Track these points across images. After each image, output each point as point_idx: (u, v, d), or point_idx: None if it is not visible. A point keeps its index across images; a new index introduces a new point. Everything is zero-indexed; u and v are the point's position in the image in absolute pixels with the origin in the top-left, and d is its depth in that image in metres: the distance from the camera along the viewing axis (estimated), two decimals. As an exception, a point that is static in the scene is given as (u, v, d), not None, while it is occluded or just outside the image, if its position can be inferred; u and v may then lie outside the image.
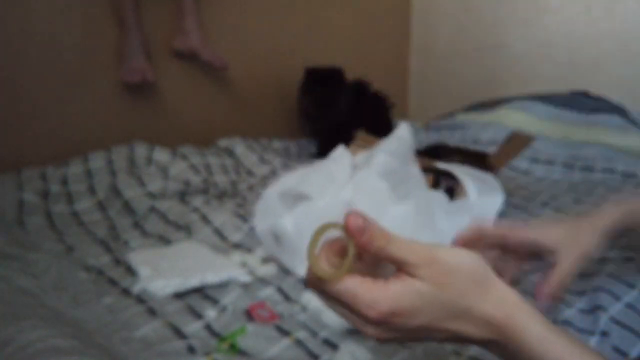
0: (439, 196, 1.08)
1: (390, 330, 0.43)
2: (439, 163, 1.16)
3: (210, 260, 1.00)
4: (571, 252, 0.69)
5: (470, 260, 0.45)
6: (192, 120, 1.78)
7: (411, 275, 0.42)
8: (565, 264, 0.68)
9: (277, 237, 1.03)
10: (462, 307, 0.43)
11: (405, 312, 0.42)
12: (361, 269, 0.44)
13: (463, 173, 1.08)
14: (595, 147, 1.69)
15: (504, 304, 0.44)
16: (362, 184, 1.07)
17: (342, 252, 0.44)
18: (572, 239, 0.70)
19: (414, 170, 1.18)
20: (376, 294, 0.42)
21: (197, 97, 1.79)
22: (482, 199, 1.04)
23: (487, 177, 1.08)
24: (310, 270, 0.43)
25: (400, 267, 0.43)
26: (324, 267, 0.43)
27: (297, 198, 1.07)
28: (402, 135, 1.15)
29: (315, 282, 0.43)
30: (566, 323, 0.80)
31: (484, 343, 0.46)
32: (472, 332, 0.44)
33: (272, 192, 1.07)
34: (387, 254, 0.43)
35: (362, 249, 0.43)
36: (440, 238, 0.98)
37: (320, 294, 0.44)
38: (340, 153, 1.23)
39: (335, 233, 0.43)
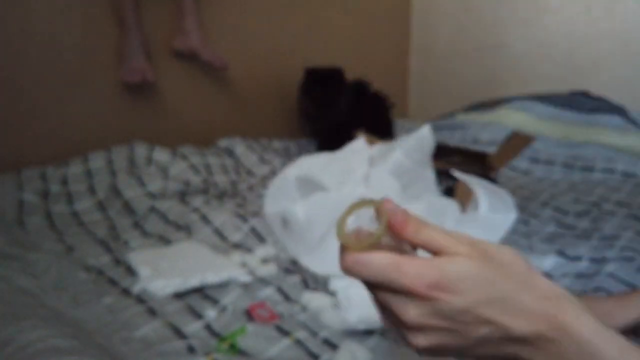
0: (451, 204, 1.08)
1: (434, 314, 0.39)
2: (455, 171, 1.16)
3: (210, 260, 1.00)
4: None
5: (510, 251, 0.41)
6: (192, 120, 1.78)
7: (453, 253, 0.40)
8: None
9: (286, 223, 1.03)
10: (507, 291, 0.39)
11: (451, 285, 0.38)
12: None
13: (477, 185, 1.08)
14: (595, 147, 1.69)
15: (554, 296, 0.40)
16: (375, 181, 1.07)
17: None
18: None
19: (428, 173, 1.18)
20: (422, 265, 0.39)
21: (197, 97, 1.79)
22: (494, 214, 1.03)
23: (502, 192, 1.07)
24: (342, 249, 0.40)
25: (437, 252, 0.40)
26: (354, 239, 0.40)
27: (313, 186, 1.07)
28: (423, 136, 1.14)
29: (353, 263, 0.40)
30: (566, 323, 0.80)
31: (531, 341, 0.40)
32: (518, 326, 0.39)
33: (289, 175, 1.06)
34: (423, 237, 0.41)
35: (397, 233, 0.41)
36: None
37: (361, 273, 0.40)
38: (359, 145, 1.23)
39: (367, 213, 0.41)
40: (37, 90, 1.46)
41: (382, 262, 0.39)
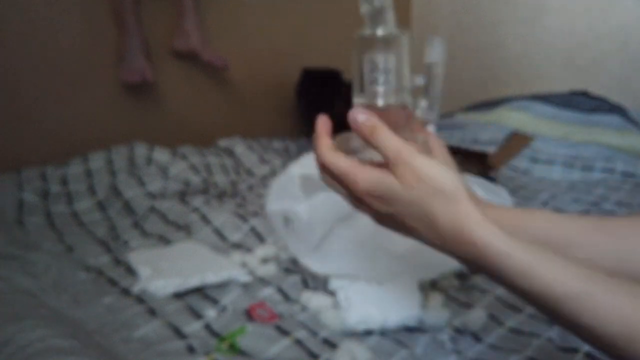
0: None
1: (375, 213, 0.52)
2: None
3: (210, 260, 1.00)
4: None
5: (441, 176, 0.48)
6: (192, 120, 1.78)
7: (390, 168, 0.49)
8: None
9: (289, 222, 1.03)
10: (425, 211, 0.48)
11: (377, 196, 0.50)
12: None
13: (475, 184, 1.08)
14: (594, 146, 1.69)
15: (466, 221, 0.47)
16: None
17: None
18: None
19: None
20: (359, 175, 0.50)
21: (197, 97, 1.79)
22: None
23: (501, 191, 1.07)
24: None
25: (385, 159, 0.50)
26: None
27: (316, 185, 1.07)
28: None
29: (320, 163, 0.53)
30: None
31: (442, 247, 0.50)
32: (434, 239, 0.49)
33: (293, 173, 1.06)
34: (376, 141, 0.50)
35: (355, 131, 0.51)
36: None
37: (324, 173, 0.54)
38: None
39: None
40: (37, 90, 1.47)
41: (338, 167, 0.51)
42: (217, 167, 1.52)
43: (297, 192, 1.02)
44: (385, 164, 0.50)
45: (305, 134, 1.93)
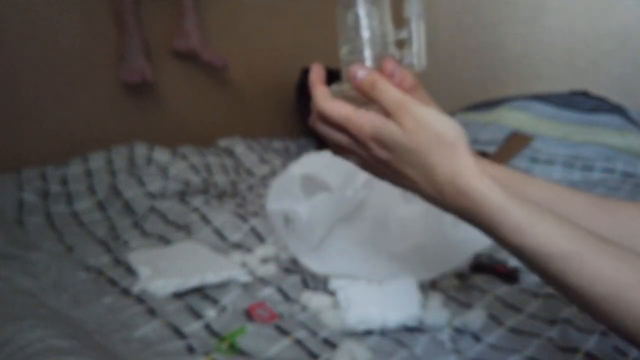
0: None
1: (369, 155, 0.51)
2: None
3: (210, 260, 1.00)
4: None
5: (442, 123, 0.47)
6: (192, 120, 1.78)
7: (392, 117, 0.48)
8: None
9: (289, 222, 1.03)
10: (423, 160, 0.47)
11: (379, 141, 0.49)
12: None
13: None
14: (595, 146, 1.69)
15: (464, 172, 0.46)
16: (377, 183, 1.07)
17: None
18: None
19: None
20: (364, 119, 0.49)
21: (197, 97, 1.79)
22: None
23: None
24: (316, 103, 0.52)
25: (386, 113, 0.49)
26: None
27: (317, 185, 1.07)
28: None
29: (319, 112, 0.52)
30: (566, 322, 0.80)
31: (440, 204, 0.49)
32: (430, 189, 0.48)
33: (294, 173, 1.07)
34: (375, 94, 0.49)
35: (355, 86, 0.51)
36: (449, 247, 0.98)
37: (323, 123, 0.52)
38: None
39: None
40: (37, 90, 1.47)
41: (339, 113, 0.50)
42: (217, 167, 1.52)
43: (297, 192, 1.02)
44: (385, 114, 0.49)
45: (305, 134, 1.93)
